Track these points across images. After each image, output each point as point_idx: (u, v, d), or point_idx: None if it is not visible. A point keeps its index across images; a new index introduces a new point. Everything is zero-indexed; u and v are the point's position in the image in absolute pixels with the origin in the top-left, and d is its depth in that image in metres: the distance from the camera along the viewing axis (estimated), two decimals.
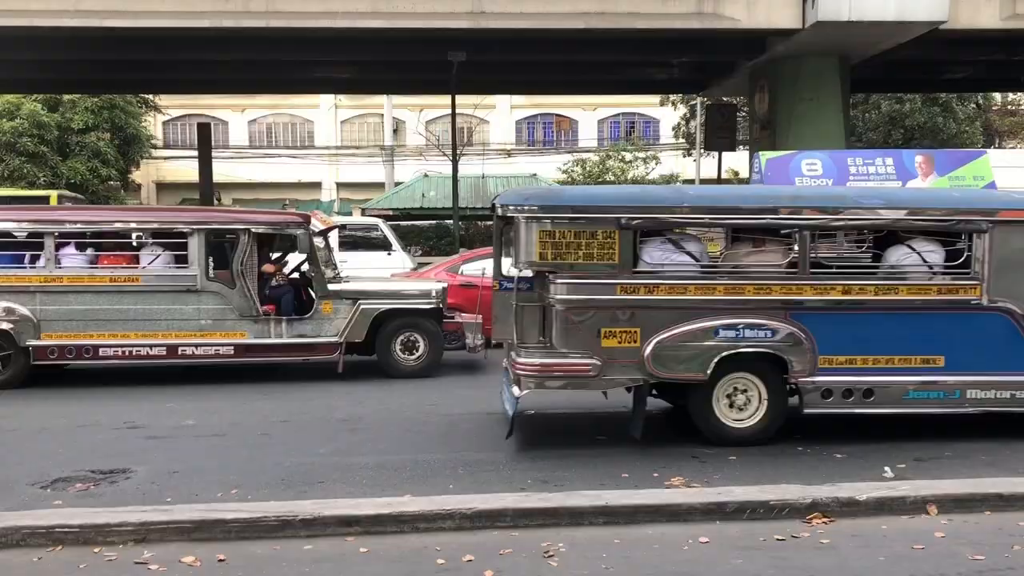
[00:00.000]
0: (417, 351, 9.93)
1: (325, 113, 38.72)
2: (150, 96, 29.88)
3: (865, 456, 6.31)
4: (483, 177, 28.57)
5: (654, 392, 6.91)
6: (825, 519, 5.09)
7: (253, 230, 9.64)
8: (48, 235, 9.41)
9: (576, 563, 4.51)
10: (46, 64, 18.90)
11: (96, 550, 4.72)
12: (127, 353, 9.46)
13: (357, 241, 16.80)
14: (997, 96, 31.32)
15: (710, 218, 6.69)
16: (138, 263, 9.67)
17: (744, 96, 22.86)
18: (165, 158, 36.60)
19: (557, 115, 39.65)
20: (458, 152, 21.58)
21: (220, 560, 4.58)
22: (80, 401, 8.84)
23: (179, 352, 9.49)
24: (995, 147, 32.61)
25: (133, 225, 9.96)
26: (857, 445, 6.62)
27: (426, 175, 29.58)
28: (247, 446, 6.87)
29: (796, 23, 15.52)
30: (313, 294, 9.86)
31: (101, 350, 9.42)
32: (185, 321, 9.47)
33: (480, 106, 31.46)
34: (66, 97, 26.90)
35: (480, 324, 10.51)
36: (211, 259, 9.67)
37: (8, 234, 9.52)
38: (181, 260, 9.57)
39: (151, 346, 9.44)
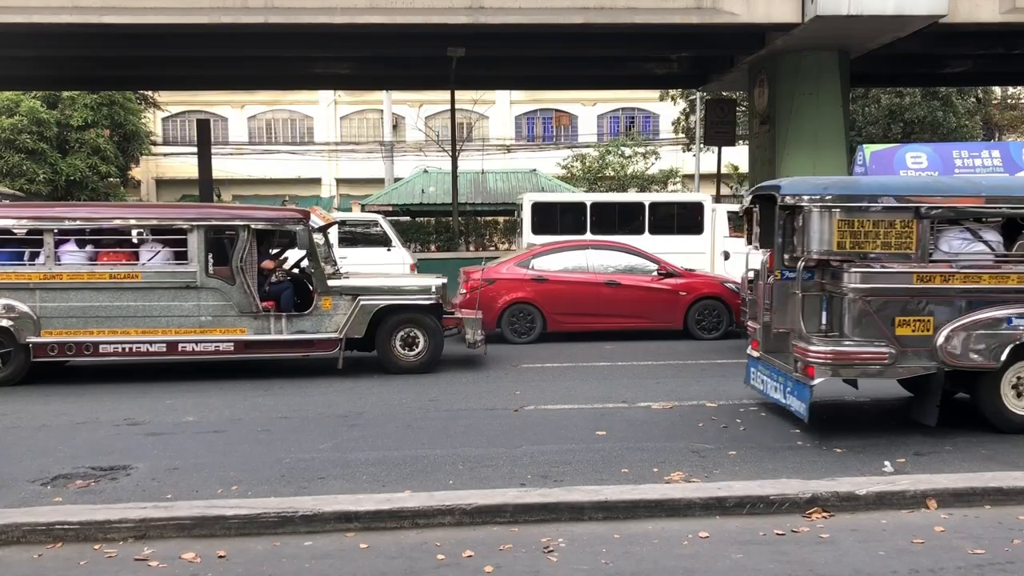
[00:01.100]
0: (417, 347, 9.93)
1: (324, 109, 38.69)
2: (149, 93, 29.82)
3: (864, 450, 6.32)
4: (483, 172, 28.55)
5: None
6: (825, 513, 5.10)
7: (253, 226, 9.64)
8: (48, 232, 9.41)
9: (576, 558, 4.52)
10: (45, 61, 18.85)
11: (96, 547, 4.73)
12: (127, 350, 9.47)
13: (356, 237, 16.80)
14: (997, 90, 31.26)
15: (1007, 207, 6.76)
16: (138, 260, 9.67)
17: (743, 91, 22.83)
18: (165, 154, 36.59)
19: (556, 110, 39.60)
20: (457, 148, 21.56)
21: (220, 556, 4.58)
22: (80, 398, 8.84)
23: (179, 349, 9.50)
24: (995, 141, 32.60)
25: (133, 222, 9.93)
26: (856, 439, 6.62)
27: (425, 171, 29.55)
28: (247, 442, 6.87)
29: (795, 17, 15.47)
30: (312, 290, 9.85)
31: (101, 347, 9.43)
32: (185, 318, 9.48)
33: (479, 102, 31.45)
34: (65, 94, 26.85)
35: (480, 320, 10.51)
36: (211, 255, 9.68)
37: (7, 231, 9.53)
38: (181, 257, 9.58)
39: (151, 343, 9.45)
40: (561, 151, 35.28)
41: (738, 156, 27.99)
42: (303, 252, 10.13)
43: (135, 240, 9.89)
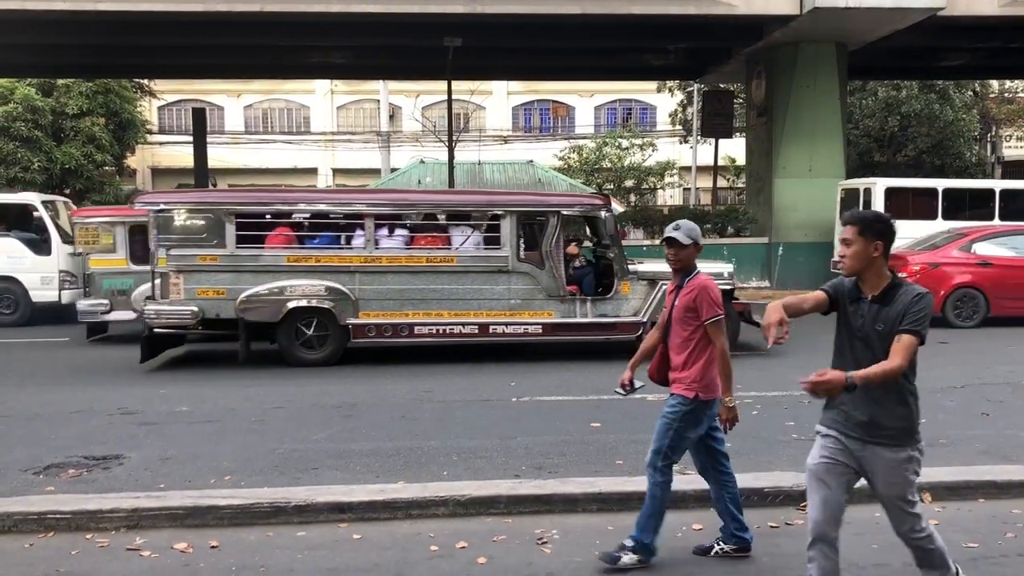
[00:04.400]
0: None
1: (321, 99, 38.57)
2: (145, 81, 29.68)
3: None
4: (479, 163, 28.48)
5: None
6: None
7: (563, 213, 9.86)
8: (368, 216, 9.60)
9: (569, 550, 4.50)
10: (40, 48, 18.76)
11: (88, 536, 4.71)
12: (441, 331, 9.68)
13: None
14: (994, 84, 31.23)
15: None
16: (450, 245, 9.88)
17: (741, 83, 22.80)
18: (160, 143, 36.43)
19: (553, 101, 39.53)
20: (454, 138, 21.50)
21: (212, 547, 4.56)
22: (73, 387, 8.81)
23: (490, 330, 9.75)
24: (991, 135, 32.57)
25: (447, 208, 10.18)
26: None
27: (422, 161, 29.47)
28: (240, 432, 6.85)
29: (794, 9, 15.46)
30: (612, 275, 10.04)
31: (416, 328, 9.61)
32: (496, 300, 9.73)
33: (476, 92, 31.32)
34: (60, 82, 26.68)
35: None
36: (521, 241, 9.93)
37: (330, 215, 9.81)
38: (493, 242, 9.80)
39: (464, 324, 9.68)
40: (558, 142, 35.23)
41: (735, 148, 27.96)
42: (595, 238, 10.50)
43: (451, 225, 10.09)
